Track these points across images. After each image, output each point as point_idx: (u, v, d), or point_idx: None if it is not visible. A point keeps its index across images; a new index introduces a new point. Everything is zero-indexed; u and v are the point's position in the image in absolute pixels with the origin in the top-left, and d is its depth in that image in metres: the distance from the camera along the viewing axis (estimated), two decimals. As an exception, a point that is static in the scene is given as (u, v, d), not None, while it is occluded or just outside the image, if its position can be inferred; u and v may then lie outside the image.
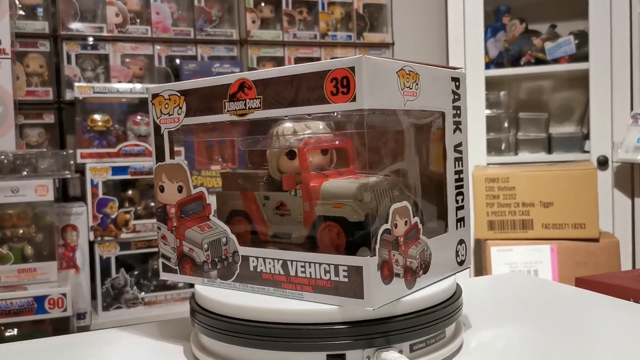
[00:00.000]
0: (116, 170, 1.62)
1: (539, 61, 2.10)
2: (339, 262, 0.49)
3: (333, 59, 0.48)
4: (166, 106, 0.58)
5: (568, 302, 0.72)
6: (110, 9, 1.76)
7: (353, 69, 0.46)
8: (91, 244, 1.61)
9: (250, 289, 0.54)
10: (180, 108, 0.57)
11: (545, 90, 2.30)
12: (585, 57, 2.02)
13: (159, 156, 0.59)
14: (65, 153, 1.48)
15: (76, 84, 1.64)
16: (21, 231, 1.41)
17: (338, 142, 0.57)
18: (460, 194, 0.58)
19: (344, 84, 0.47)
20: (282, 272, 0.52)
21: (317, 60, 1.97)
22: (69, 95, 1.70)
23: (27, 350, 0.61)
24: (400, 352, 0.49)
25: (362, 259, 0.47)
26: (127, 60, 1.80)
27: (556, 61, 2.08)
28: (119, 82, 1.75)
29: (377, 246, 0.47)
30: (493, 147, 2.14)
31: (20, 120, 1.64)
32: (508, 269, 1.77)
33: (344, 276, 0.48)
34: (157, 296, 1.67)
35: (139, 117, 1.70)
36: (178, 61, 1.85)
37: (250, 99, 0.52)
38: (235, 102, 0.53)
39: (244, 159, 0.65)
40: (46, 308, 1.33)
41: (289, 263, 0.52)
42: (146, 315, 1.61)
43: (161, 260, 0.61)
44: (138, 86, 1.70)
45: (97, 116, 1.67)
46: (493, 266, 1.78)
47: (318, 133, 0.56)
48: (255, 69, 1.91)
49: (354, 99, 0.46)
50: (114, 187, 1.66)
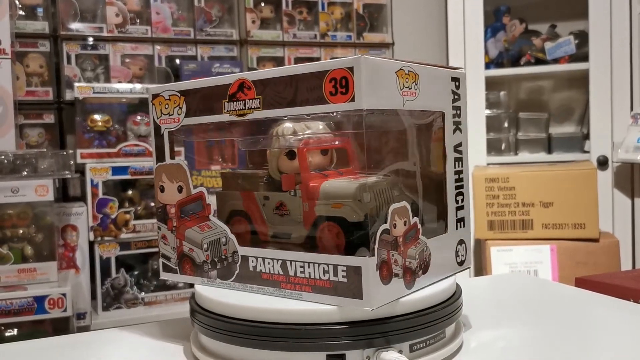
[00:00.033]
0: (116, 170, 1.62)
1: (539, 61, 2.10)
2: (338, 262, 0.49)
3: (333, 59, 0.48)
4: (166, 106, 0.58)
5: (568, 302, 0.72)
6: (110, 9, 1.76)
7: (352, 69, 0.46)
8: (91, 244, 1.61)
9: (249, 289, 0.54)
10: (180, 108, 0.57)
11: (545, 90, 2.30)
12: (585, 57, 2.02)
13: (159, 156, 0.59)
14: (65, 153, 1.48)
15: (76, 84, 1.64)
16: (21, 231, 1.41)
17: (338, 142, 0.57)
18: (460, 194, 0.58)
19: (342, 84, 0.47)
20: (281, 272, 0.52)
21: (317, 60, 1.97)
22: (69, 96, 1.70)
23: (27, 350, 0.61)
24: (400, 352, 0.49)
25: (360, 259, 0.47)
26: (127, 60, 1.80)
27: (556, 61, 2.08)
28: (119, 82, 1.75)
29: (376, 246, 0.47)
30: (493, 147, 2.14)
31: (20, 120, 1.64)
32: (508, 269, 1.77)
33: (343, 276, 0.48)
34: (157, 296, 1.68)
35: (139, 117, 1.71)
36: (178, 61, 1.85)
37: (249, 99, 0.52)
38: (234, 102, 0.53)
39: (244, 159, 0.65)
40: (46, 308, 1.33)
41: (288, 263, 0.52)
42: (146, 315, 1.61)
43: (161, 260, 0.61)
44: (138, 86, 1.70)
45: (97, 116, 1.67)
46: (493, 266, 1.78)
47: (318, 133, 0.56)
48: (255, 69, 1.91)
49: (353, 99, 0.46)
50: (114, 187, 1.66)
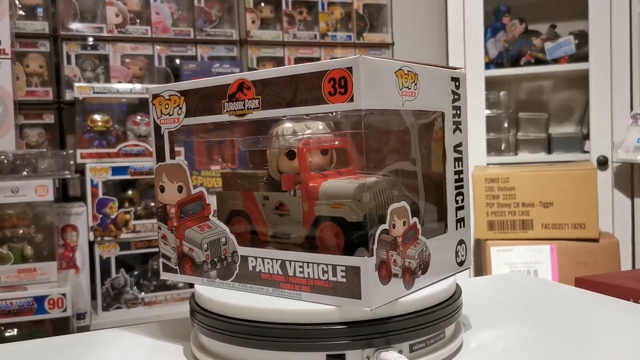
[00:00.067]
0: (116, 170, 1.62)
1: (539, 61, 2.10)
2: (337, 262, 0.49)
3: (333, 59, 0.48)
4: (166, 106, 0.58)
5: (568, 302, 0.72)
6: (110, 9, 1.76)
7: (350, 69, 0.46)
8: (91, 244, 1.61)
9: (249, 288, 0.54)
10: (180, 108, 0.57)
11: (545, 90, 2.30)
12: (585, 57, 2.02)
13: (159, 156, 0.60)
14: (65, 153, 1.48)
15: (76, 84, 1.64)
16: (21, 231, 1.41)
17: (338, 142, 0.57)
18: (460, 194, 0.58)
19: (341, 84, 0.47)
20: (280, 272, 0.52)
21: (317, 60, 1.97)
22: (68, 96, 1.70)
23: (27, 350, 0.61)
24: (400, 352, 0.49)
25: (359, 259, 0.47)
26: (127, 60, 1.80)
27: (556, 61, 2.08)
28: (119, 82, 1.75)
29: (375, 246, 0.47)
30: (493, 147, 2.14)
31: (20, 121, 1.64)
32: (508, 269, 1.77)
33: (342, 276, 0.48)
34: (157, 296, 1.68)
35: (138, 117, 1.71)
36: (178, 61, 1.85)
37: (249, 99, 0.52)
38: (234, 103, 0.53)
39: (244, 159, 0.65)
40: (46, 308, 1.33)
41: (287, 263, 0.52)
42: (146, 315, 1.61)
43: (161, 260, 0.61)
44: (138, 86, 1.70)
45: (97, 116, 1.67)
46: (493, 266, 1.78)
47: (318, 133, 0.56)
48: (255, 69, 1.91)
49: (352, 99, 0.46)
50: (113, 187, 1.66)
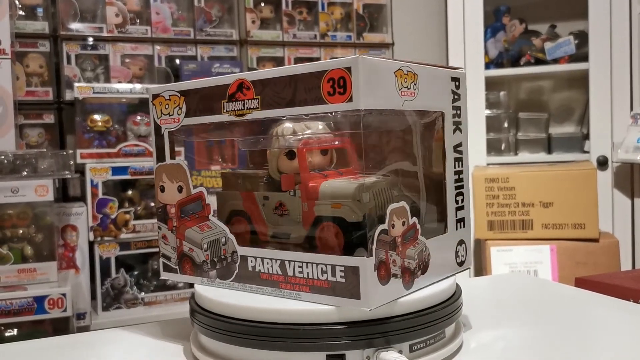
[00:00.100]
0: (116, 170, 1.62)
1: (539, 61, 2.10)
2: (336, 262, 0.49)
3: (333, 59, 0.48)
4: (166, 106, 0.58)
5: (568, 302, 0.72)
6: (110, 9, 1.76)
7: (349, 69, 0.46)
8: (91, 244, 1.61)
9: (248, 288, 0.54)
10: (180, 108, 0.57)
11: (545, 90, 2.30)
12: (585, 57, 2.02)
13: (160, 156, 0.60)
14: (65, 153, 1.48)
15: (76, 84, 1.64)
16: (21, 231, 1.41)
17: (337, 142, 0.57)
18: (460, 194, 0.58)
19: (340, 84, 0.47)
20: (280, 272, 0.52)
21: (317, 60, 1.97)
22: (68, 96, 1.70)
23: (27, 350, 0.61)
24: (400, 352, 0.49)
25: (358, 259, 0.47)
26: (127, 60, 1.80)
27: (556, 61, 2.08)
28: (119, 82, 1.75)
29: (374, 247, 0.47)
30: (493, 147, 2.14)
31: (20, 121, 1.64)
32: (508, 269, 1.77)
33: (341, 276, 0.48)
34: (157, 296, 1.67)
35: (138, 117, 1.70)
36: (178, 61, 1.85)
37: (248, 99, 0.52)
38: (233, 103, 0.53)
39: (244, 159, 0.65)
40: (46, 308, 1.33)
41: (286, 263, 0.52)
42: (146, 316, 1.61)
43: (162, 260, 0.61)
44: (138, 86, 1.70)
45: (97, 116, 1.67)
46: (493, 266, 1.78)
47: (318, 133, 0.56)
48: (255, 69, 1.91)
49: (351, 99, 0.46)
50: (113, 187, 1.66)
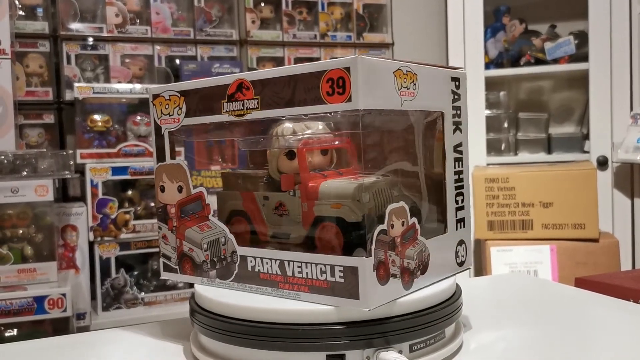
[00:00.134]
0: (116, 170, 1.62)
1: (539, 61, 2.10)
2: (335, 262, 0.49)
3: (333, 59, 0.48)
4: (166, 107, 0.58)
5: (568, 303, 0.72)
6: (110, 9, 1.76)
7: (348, 69, 0.46)
8: (91, 244, 1.61)
9: (248, 288, 0.54)
10: (180, 108, 0.57)
11: (545, 90, 2.30)
12: (585, 57, 2.02)
13: (160, 156, 0.60)
14: (65, 153, 1.48)
15: (76, 84, 1.64)
16: (21, 231, 1.41)
17: (337, 142, 0.57)
18: (460, 194, 0.58)
19: (339, 84, 0.47)
20: (279, 272, 0.52)
21: (318, 60, 1.97)
22: (68, 96, 1.70)
23: (27, 351, 0.61)
24: (400, 352, 0.49)
25: (357, 259, 0.47)
26: (127, 60, 1.80)
27: (556, 61, 2.08)
28: (119, 82, 1.75)
29: (373, 247, 0.47)
30: (493, 147, 2.14)
31: (20, 121, 1.64)
32: (508, 269, 1.77)
33: (340, 277, 0.48)
34: (157, 296, 1.67)
35: (138, 118, 1.70)
36: (178, 61, 1.84)
37: (248, 100, 0.52)
38: (233, 103, 0.53)
39: (244, 159, 0.65)
40: (46, 308, 1.33)
41: (286, 263, 0.52)
42: (146, 316, 1.61)
43: (162, 260, 0.61)
44: (138, 86, 1.70)
45: (96, 116, 1.67)
46: (493, 266, 1.78)
47: (318, 133, 0.56)
48: (255, 69, 1.91)
49: (350, 100, 0.46)
50: (113, 188, 1.66)
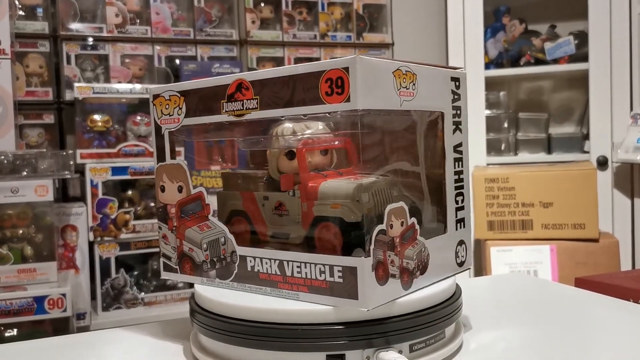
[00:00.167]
0: (116, 170, 1.62)
1: (539, 61, 2.10)
2: (334, 262, 0.49)
3: (332, 59, 0.48)
4: (167, 107, 0.58)
5: (568, 303, 0.72)
6: (110, 10, 1.76)
7: (347, 69, 0.46)
8: (91, 244, 1.61)
9: (248, 288, 0.54)
10: (180, 109, 0.57)
11: (545, 90, 2.30)
12: (585, 58, 2.02)
13: (160, 156, 0.60)
14: (65, 153, 1.48)
15: (76, 84, 1.64)
16: (21, 231, 1.41)
17: (337, 142, 0.57)
18: (460, 194, 0.58)
19: (338, 84, 0.47)
20: (278, 272, 0.52)
21: (318, 60, 1.97)
22: (68, 96, 1.70)
23: (27, 351, 0.61)
24: (400, 352, 0.49)
25: (356, 259, 0.47)
26: (127, 60, 1.80)
27: (556, 61, 2.08)
28: (119, 82, 1.75)
29: (372, 247, 0.47)
30: (493, 147, 2.14)
31: (20, 121, 1.64)
32: (508, 269, 1.77)
33: (339, 277, 0.48)
34: (157, 296, 1.67)
35: (138, 118, 1.70)
36: (178, 61, 1.84)
37: (247, 100, 0.52)
38: (233, 103, 0.53)
39: (244, 159, 0.65)
40: (46, 308, 1.33)
41: (285, 263, 0.52)
42: (146, 316, 1.61)
43: (162, 260, 0.61)
44: (138, 86, 1.70)
45: (96, 116, 1.67)
46: (493, 266, 1.78)
47: (318, 133, 0.56)
48: (255, 69, 1.91)
49: (348, 100, 0.46)
50: (113, 188, 1.66)
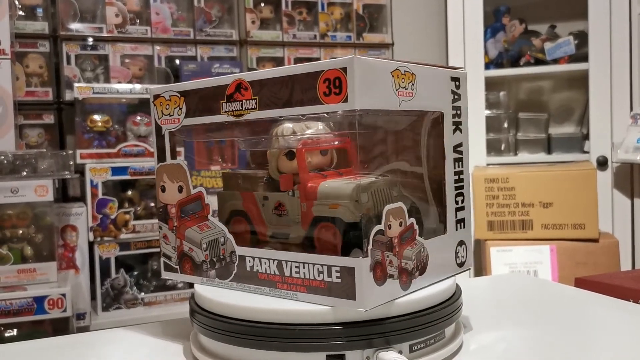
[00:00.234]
0: (116, 170, 1.62)
1: (539, 61, 2.10)
2: (332, 262, 0.49)
3: (331, 59, 0.48)
4: (167, 107, 0.59)
5: (568, 303, 0.72)
6: (110, 10, 1.76)
7: (345, 69, 0.46)
8: (91, 245, 1.61)
9: (247, 288, 0.54)
10: (180, 109, 0.58)
11: (545, 90, 2.30)
12: (584, 58, 2.02)
13: (161, 157, 0.60)
14: (64, 153, 1.48)
15: (76, 84, 1.64)
16: (21, 231, 1.41)
17: (337, 142, 0.57)
18: (460, 194, 0.58)
19: (336, 84, 0.47)
20: (277, 272, 0.52)
21: (318, 61, 1.97)
22: (68, 96, 1.70)
23: (27, 351, 0.61)
24: (400, 352, 0.49)
25: (354, 260, 0.47)
26: (127, 60, 1.80)
27: (556, 61, 2.08)
28: (119, 82, 1.75)
29: (370, 247, 0.47)
30: (493, 147, 2.14)
31: (20, 121, 1.64)
32: (508, 270, 1.77)
33: (337, 277, 0.48)
34: (157, 296, 1.67)
35: (138, 118, 1.70)
36: (178, 62, 1.84)
37: (246, 100, 0.52)
38: (232, 103, 0.53)
39: (245, 159, 0.65)
40: (46, 308, 1.33)
41: (283, 263, 0.52)
42: (146, 316, 1.61)
43: (163, 260, 0.61)
44: (138, 87, 1.69)
45: (96, 117, 1.67)
46: (493, 266, 1.78)
47: (318, 134, 0.56)
48: (255, 69, 1.91)
49: (346, 100, 0.46)
50: (113, 188, 1.66)
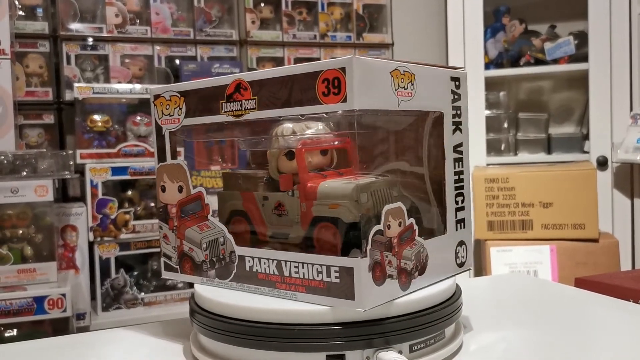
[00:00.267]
0: (116, 170, 1.62)
1: (539, 61, 2.10)
2: (331, 262, 0.49)
3: (330, 59, 0.48)
4: (167, 107, 0.59)
5: (568, 303, 0.72)
6: (110, 10, 1.76)
7: (344, 69, 0.46)
8: (91, 245, 1.61)
9: (246, 288, 0.54)
10: (180, 109, 0.58)
11: (545, 90, 2.30)
12: (584, 58, 2.02)
13: (161, 157, 0.60)
14: (64, 153, 1.48)
15: (76, 84, 1.64)
16: (21, 231, 1.41)
17: (337, 142, 0.57)
18: (460, 195, 0.58)
19: (335, 84, 0.47)
20: (276, 272, 0.52)
21: (317, 61, 1.97)
22: (68, 96, 1.70)
23: (27, 351, 0.61)
24: (400, 352, 0.49)
25: (352, 260, 0.47)
26: (127, 60, 1.80)
27: (556, 61, 2.08)
28: (119, 82, 1.75)
29: (369, 247, 0.47)
30: (493, 147, 2.14)
31: (19, 121, 1.64)
32: (508, 270, 1.77)
33: (336, 277, 0.48)
34: (157, 296, 1.67)
35: (138, 118, 1.70)
36: (178, 62, 1.84)
37: (246, 100, 0.52)
38: (231, 103, 0.53)
39: (245, 159, 0.66)
40: (46, 308, 1.33)
41: (283, 263, 0.52)
42: (146, 316, 1.61)
43: (163, 260, 0.61)
44: (138, 87, 1.70)
45: (96, 117, 1.67)
46: (493, 266, 1.78)
47: (318, 134, 0.56)
48: (255, 69, 1.91)
49: (345, 100, 0.46)
50: (113, 188, 1.66)
